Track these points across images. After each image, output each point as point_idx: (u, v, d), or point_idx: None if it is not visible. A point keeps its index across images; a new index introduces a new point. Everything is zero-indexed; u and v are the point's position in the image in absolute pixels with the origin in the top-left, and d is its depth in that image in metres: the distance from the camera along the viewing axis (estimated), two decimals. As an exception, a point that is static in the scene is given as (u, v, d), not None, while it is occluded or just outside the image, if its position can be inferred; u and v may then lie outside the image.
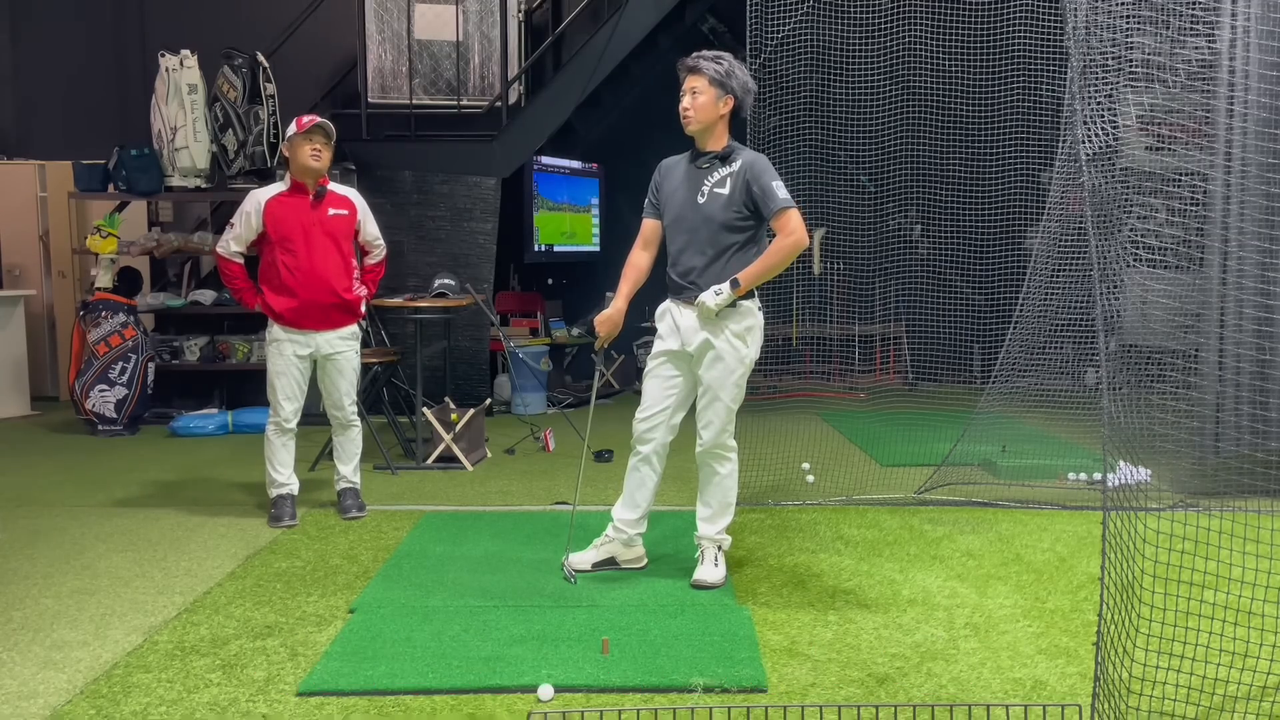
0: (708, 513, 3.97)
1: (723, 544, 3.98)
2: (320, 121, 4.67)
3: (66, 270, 8.62)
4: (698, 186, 3.82)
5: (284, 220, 4.70)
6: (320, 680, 3.06)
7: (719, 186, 3.78)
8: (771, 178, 3.75)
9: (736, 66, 3.82)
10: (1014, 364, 5.27)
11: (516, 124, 7.79)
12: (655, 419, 3.92)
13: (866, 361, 8.34)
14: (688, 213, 3.84)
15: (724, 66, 3.77)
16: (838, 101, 5.98)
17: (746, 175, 3.75)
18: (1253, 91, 4.59)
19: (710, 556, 3.95)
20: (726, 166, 3.80)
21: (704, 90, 3.76)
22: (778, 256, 3.73)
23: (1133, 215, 3.37)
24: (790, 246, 3.71)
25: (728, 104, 3.78)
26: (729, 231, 3.78)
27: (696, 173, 3.85)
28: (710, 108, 3.77)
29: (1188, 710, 2.71)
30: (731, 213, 3.77)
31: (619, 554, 4.07)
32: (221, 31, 8.04)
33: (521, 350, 7.73)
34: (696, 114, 3.78)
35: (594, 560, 4.06)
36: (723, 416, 3.84)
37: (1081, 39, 2.91)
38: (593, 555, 4.07)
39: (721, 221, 3.77)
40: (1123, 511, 2.72)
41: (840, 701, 2.91)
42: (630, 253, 4.07)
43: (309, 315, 4.72)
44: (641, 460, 3.97)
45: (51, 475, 5.89)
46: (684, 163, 3.93)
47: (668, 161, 4.01)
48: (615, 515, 4.05)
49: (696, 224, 3.81)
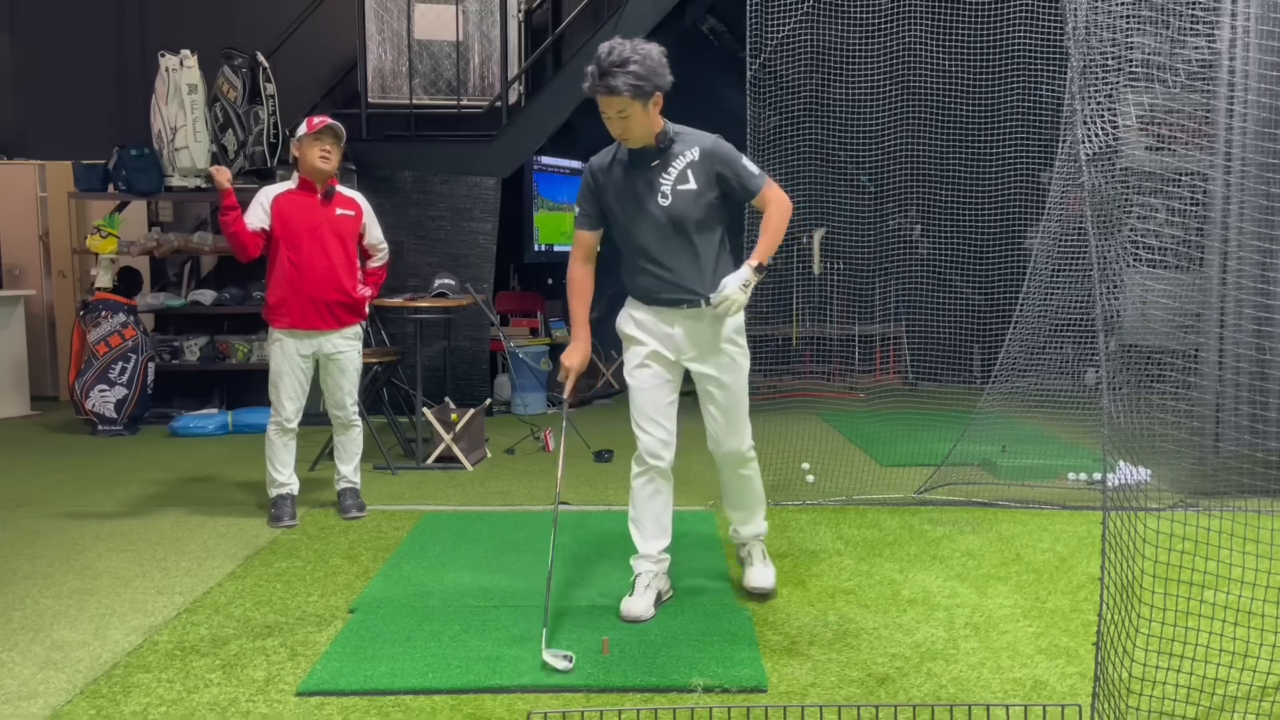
0: (744, 515, 3.86)
1: (761, 533, 3.90)
2: (330, 123, 4.70)
3: (66, 270, 8.63)
4: (655, 187, 3.49)
5: (292, 218, 4.71)
6: (320, 680, 3.06)
7: (682, 182, 3.47)
8: (738, 158, 3.52)
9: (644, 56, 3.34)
10: (1014, 364, 5.27)
11: (516, 124, 7.79)
12: (670, 430, 3.62)
13: (866, 361, 8.33)
14: (651, 218, 3.50)
15: (635, 73, 3.31)
16: (838, 101, 5.98)
17: (714, 164, 3.47)
18: (1253, 91, 4.59)
19: (759, 554, 3.85)
20: (680, 158, 3.48)
21: (629, 107, 3.36)
22: (777, 223, 3.52)
23: (1133, 215, 3.37)
24: (780, 212, 3.52)
25: (657, 102, 3.42)
26: (707, 227, 3.52)
27: (647, 172, 3.50)
28: (643, 120, 3.40)
29: (1188, 710, 2.71)
30: (704, 207, 3.48)
31: (663, 587, 3.71)
32: (221, 31, 8.05)
33: (521, 350, 7.73)
34: (632, 131, 3.43)
35: (652, 602, 3.61)
36: (744, 421, 3.71)
37: (1081, 39, 2.91)
38: (650, 598, 3.61)
39: (697, 219, 3.48)
40: (1123, 511, 2.72)
41: (840, 701, 2.91)
42: (570, 270, 3.73)
43: (315, 314, 4.72)
44: (658, 474, 3.62)
45: (51, 475, 5.89)
46: (623, 162, 3.55)
47: (598, 161, 3.62)
48: (651, 550, 3.66)
49: (667, 228, 3.49)
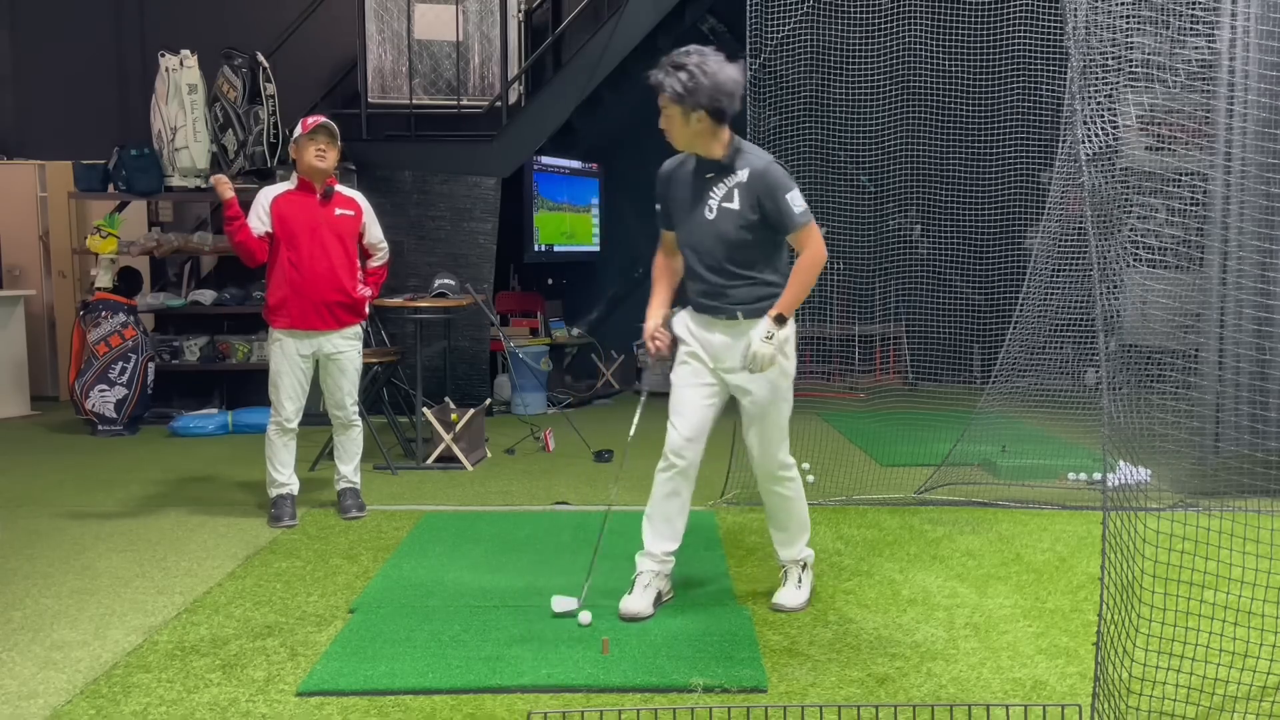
0: (784, 536, 3.74)
1: (807, 561, 3.76)
2: (324, 122, 4.70)
3: (66, 270, 8.62)
4: (704, 199, 3.49)
5: (291, 218, 4.71)
6: (320, 680, 3.06)
7: (728, 201, 3.45)
8: (784, 192, 3.41)
9: (703, 71, 3.34)
10: (1014, 364, 5.27)
11: (516, 124, 7.79)
12: (698, 429, 3.57)
13: (866, 361, 8.33)
14: (699, 228, 3.52)
15: (683, 80, 3.34)
16: (838, 101, 5.98)
17: (757, 190, 3.41)
18: (1253, 91, 4.59)
19: (794, 578, 3.73)
20: (734, 176, 3.45)
21: (668, 108, 3.41)
22: (805, 277, 3.45)
23: (1133, 215, 3.37)
24: (811, 264, 3.44)
25: (700, 118, 3.38)
26: (746, 247, 3.47)
27: (702, 183, 3.51)
28: (681, 127, 3.42)
29: (1188, 710, 2.71)
30: (743, 229, 3.45)
31: (664, 588, 3.68)
32: (221, 31, 8.05)
33: (521, 350, 7.73)
34: (671, 135, 3.48)
35: (651, 602, 3.60)
36: (775, 435, 3.59)
37: (1081, 39, 2.91)
38: (650, 597, 3.60)
39: (733, 239, 3.46)
40: (1123, 511, 2.72)
41: (840, 701, 2.91)
42: (656, 259, 3.76)
43: (314, 314, 4.72)
44: (679, 474, 3.56)
45: (51, 475, 5.89)
46: (688, 168, 3.58)
47: (668, 166, 3.66)
48: (656, 550, 3.62)
49: (710, 242, 3.49)
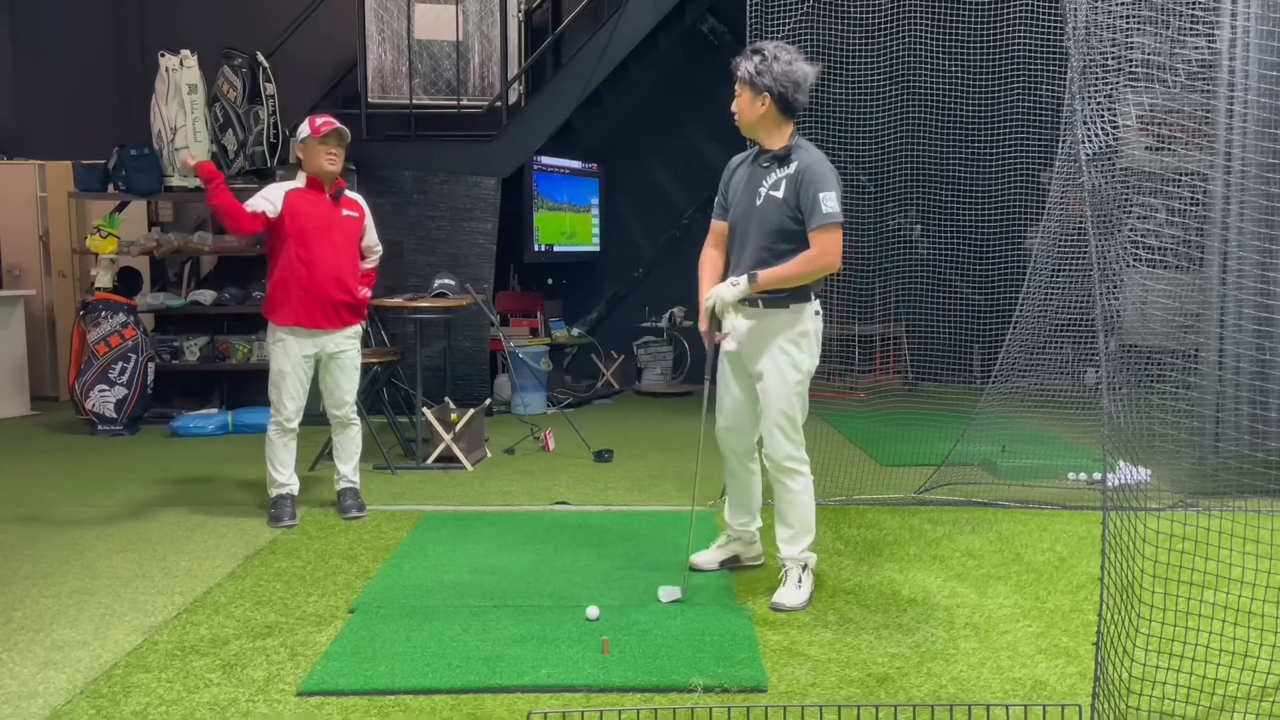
0: (788, 533, 3.79)
1: (808, 562, 3.80)
2: (337, 127, 4.70)
3: (66, 270, 8.62)
4: (756, 187, 3.70)
5: (305, 215, 4.71)
6: (320, 680, 3.06)
7: (774, 189, 3.65)
8: (822, 188, 3.56)
9: (776, 58, 3.61)
10: (1014, 364, 5.27)
11: (516, 124, 7.79)
12: (733, 419, 3.89)
13: (866, 361, 8.33)
14: (747, 214, 3.72)
15: (754, 63, 3.62)
16: (837, 101, 5.97)
17: (800, 181, 3.60)
18: (1253, 91, 4.59)
19: (794, 577, 3.76)
20: (784, 168, 3.65)
21: (740, 89, 3.67)
22: (800, 268, 3.58)
23: (1133, 215, 3.37)
24: (814, 262, 3.58)
25: (764, 102, 3.62)
26: (785, 236, 3.62)
27: (757, 172, 3.72)
28: (748, 108, 3.67)
29: (1188, 710, 2.71)
30: (785, 217, 3.62)
31: (742, 553, 4.12)
32: (221, 31, 8.04)
33: (521, 350, 7.73)
34: (739, 115, 3.72)
35: (719, 559, 4.10)
36: (782, 428, 3.69)
37: (1081, 39, 2.91)
38: (717, 554, 4.11)
39: (775, 226, 3.63)
40: (1123, 511, 2.72)
41: (840, 701, 2.91)
42: (703, 251, 3.92)
43: (321, 312, 4.72)
44: (733, 457, 3.97)
45: (51, 475, 5.89)
46: (749, 160, 3.81)
47: (736, 159, 3.90)
48: (731, 520, 4.08)
49: (753, 226, 3.69)
